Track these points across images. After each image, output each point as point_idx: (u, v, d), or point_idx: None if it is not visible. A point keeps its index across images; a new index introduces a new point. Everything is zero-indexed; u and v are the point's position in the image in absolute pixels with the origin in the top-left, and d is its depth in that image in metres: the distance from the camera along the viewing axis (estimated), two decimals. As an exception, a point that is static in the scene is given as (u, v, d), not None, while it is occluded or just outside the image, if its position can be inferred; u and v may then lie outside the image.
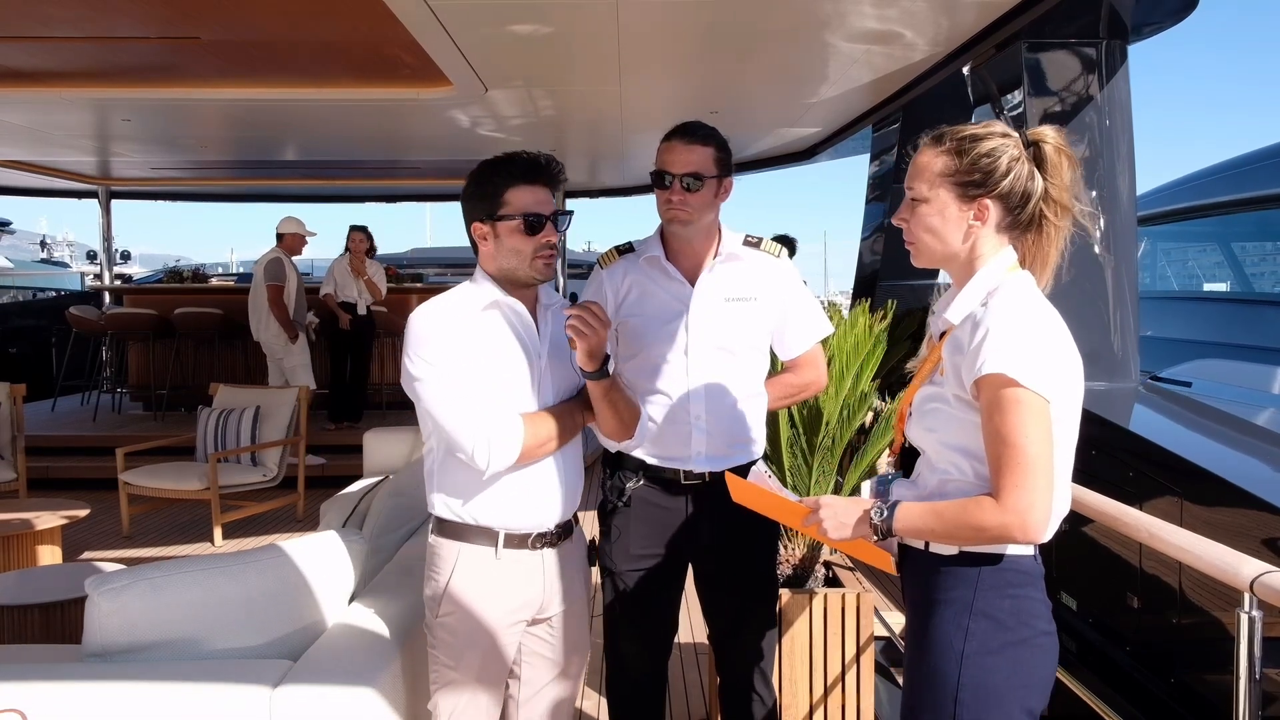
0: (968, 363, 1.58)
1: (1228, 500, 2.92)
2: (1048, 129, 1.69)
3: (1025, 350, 1.53)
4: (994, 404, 1.54)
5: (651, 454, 2.38)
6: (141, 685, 2.00)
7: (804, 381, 2.54)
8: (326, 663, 2.14)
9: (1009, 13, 4.07)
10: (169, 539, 6.02)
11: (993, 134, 1.67)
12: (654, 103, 6.29)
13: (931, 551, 1.68)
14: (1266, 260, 10.31)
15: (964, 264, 1.70)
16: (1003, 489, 1.52)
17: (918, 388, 1.77)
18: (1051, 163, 1.67)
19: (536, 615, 2.15)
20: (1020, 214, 1.68)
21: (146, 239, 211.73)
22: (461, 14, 4.11)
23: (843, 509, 1.69)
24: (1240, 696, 1.78)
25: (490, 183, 2.04)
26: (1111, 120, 4.26)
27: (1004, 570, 1.62)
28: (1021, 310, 1.60)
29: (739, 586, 2.45)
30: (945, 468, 1.67)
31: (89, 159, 8.95)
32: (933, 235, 1.70)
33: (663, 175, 2.28)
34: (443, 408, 1.97)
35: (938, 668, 1.63)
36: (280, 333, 7.56)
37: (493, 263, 2.07)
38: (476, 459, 1.96)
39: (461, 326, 2.01)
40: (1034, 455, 1.51)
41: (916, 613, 1.71)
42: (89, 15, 4.52)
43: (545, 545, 2.12)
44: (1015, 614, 1.61)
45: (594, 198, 11.72)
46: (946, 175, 1.67)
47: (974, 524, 1.55)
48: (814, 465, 3.28)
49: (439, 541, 2.11)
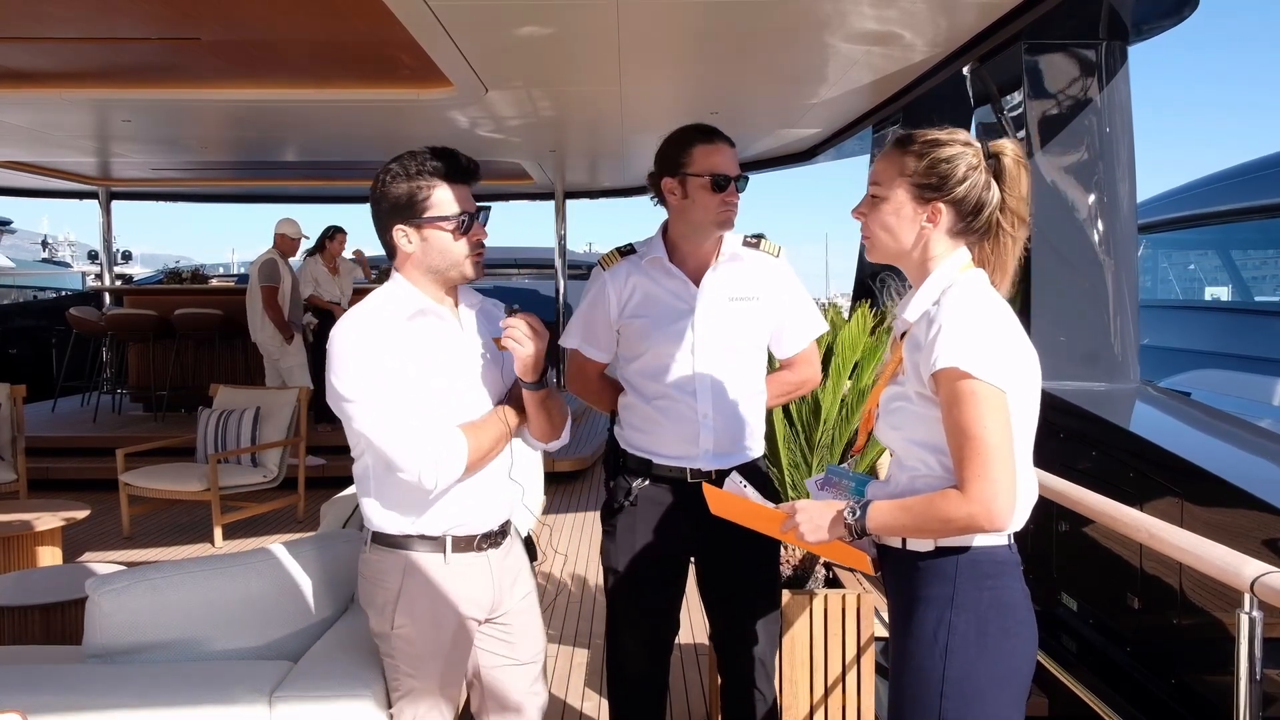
0: (924, 359, 1.63)
1: (1228, 501, 2.92)
2: (1007, 142, 1.74)
3: (977, 343, 1.58)
4: (951, 398, 1.58)
5: (658, 453, 2.38)
6: (141, 686, 2.00)
7: (800, 379, 2.56)
8: (326, 664, 2.14)
9: (1009, 14, 4.07)
10: (169, 540, 6.02)
11: (955, 141, 1.72)
12: (654, 103, 6.30)
13: (909, 549, 1.71)
14: (1267, 268, 10.31)
15: (918, 264, 1.75)
16: (966, 480, 1.56)
17: (883, 388, 1.81)
18: (1010, 175, 1.72)
19: (489, 614, 2.15)
20: (974, 221, 1.72)
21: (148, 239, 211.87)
22: (462, 14, 4.11)
23: (817, 512, 1.73)
24: (1240, 697, 1.78)
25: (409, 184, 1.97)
26: (1111, 121, 4.26)
27: (979, 562, 1.66)
28: (972, 305, 1.64)
29: (742, 586, 2.46)
30: (914, 464, 1.71)
31: (89, 160, 8.95)
32: (887, 233, 1.75)
33: (723, 178, 2.26)
34: (378, 431, 1.91)
35: (922, 664, 1.66)
36: (276, 334, 7.58)
37: (418, 266, 2.01)
38: (424, 481, 1.91)
39: (388, 339, 1.94)
40: (993, 445, 1.55)
41: (899, 610, 1.75)
42: (89, 15, 4.52)
43: (490, 545, 2.11)
44: (994, 605, 1.65)
45: (594, 198, 11.74)
46: (905, 176, 1.72)
47: (941, 516, 1.59)
48: (813, 464, 3.29)
49: (381, 553, 2.05)
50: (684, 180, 2.29)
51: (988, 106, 4.79)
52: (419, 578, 2.03)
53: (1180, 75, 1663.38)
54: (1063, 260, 4.17)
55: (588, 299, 2.45)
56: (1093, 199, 4.25)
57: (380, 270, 11.00)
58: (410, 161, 1.98)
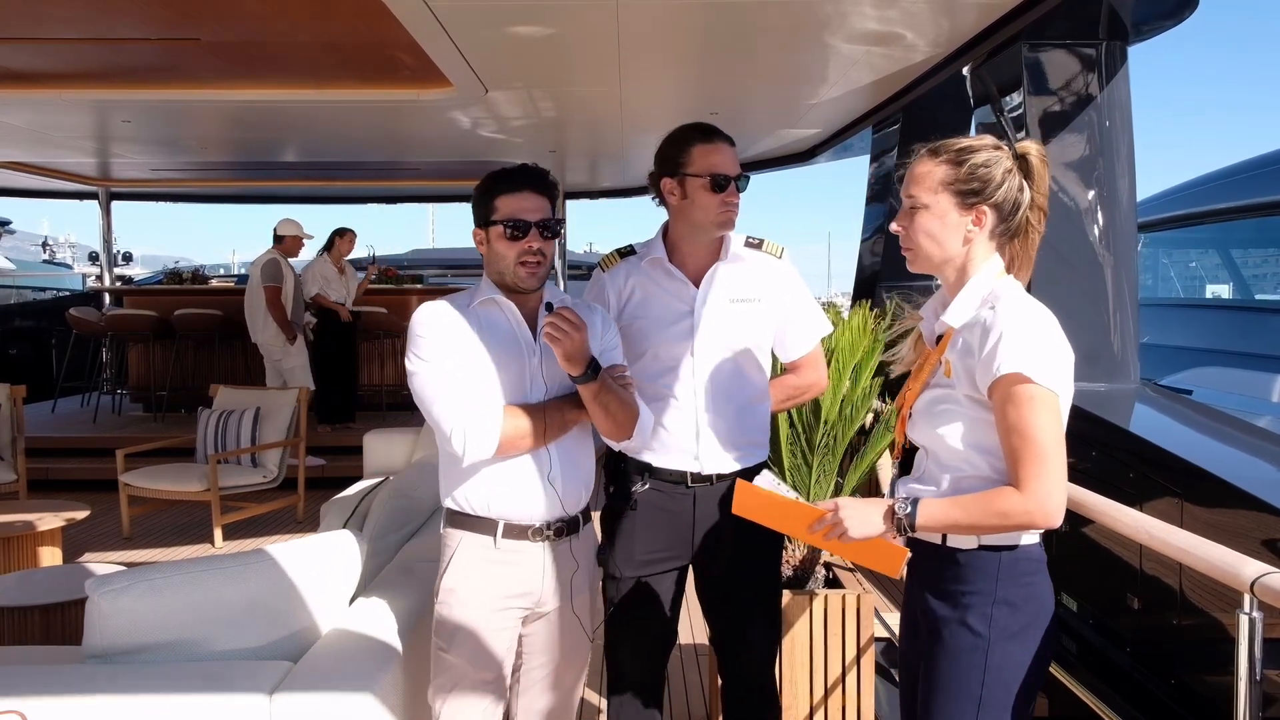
0: (983, 365, 1.69)
1: (1228, 501, 2.92)
2: (1031, 143, 1.82)
3: (1037, 350, 1.66)
4: (1009, 400, 1.65)
5: (658, 456, 2.36)
6: (141, 686, 2.00)
7: (805, 383, 2.54)
8: (327, 665, 2.14)
9: (1009, 14, 4.07)
10: (169, 540, 6.02)
11: (985, 146, 1.79)
12: (654, 104, 6.29)
13: (949, 545, 1.77)
14: (1267, 266, 10.30)
15: (958, 270, 1.81)
16: (1024, 479, 1.63)
17: (918, 391, 1.85)
18: (1037, 173, 1.80)
19: (534, 608, 2.17)
20: (1011, 221, 1.80)
21: (149, 240, 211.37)
22: (462, 15, 4.11)
23: (864, 507, 1.77)
24: (1240, 698, 1.78)
25: (485, 191, 2.11)
26: (1111, 121, 4.26)
27: (1019, 559, 1.74)
28: (1028, 313, 1.72)
29: (742, 588, 2.44)
30: (958, 465, 1.76)
31: (89, 160, 8.95)
32: (932, 240, 1.80)
33: (723, 178, 2.25)
34: (428, 397, 2.04)
35: (963, 656, 1.73)
36: (279, 334, 7.58)
37: (490, 267, 2.14)
38: (454, 445, 2.02)
39: (455, 322, 2.09)
40: (1050, 447, 1.63)
41: (934, 606, 1.79)
42: (89, 16, 4.52)
43: (545, 538, 2.14)
44: (1029, 599, 1.74)
45: (594, 199, 11.73)
46: (947, 183, 1.78)
47: (998, 512, 1.65)
48: (814, 465, 3.28)
49: (447, 532, 2.18)
50: (683, 180, 2.28)
51: (988, 107, 4.79)
52: (468, 556, 2.13)
53: (1180, 75, 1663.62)
54: (1062, 260, 4.17)
55: (588, 300, 2.44)
56: (1093, 198, 4.25)
57: (380, 270, 11.00)
58: (492, 172, 2.14)
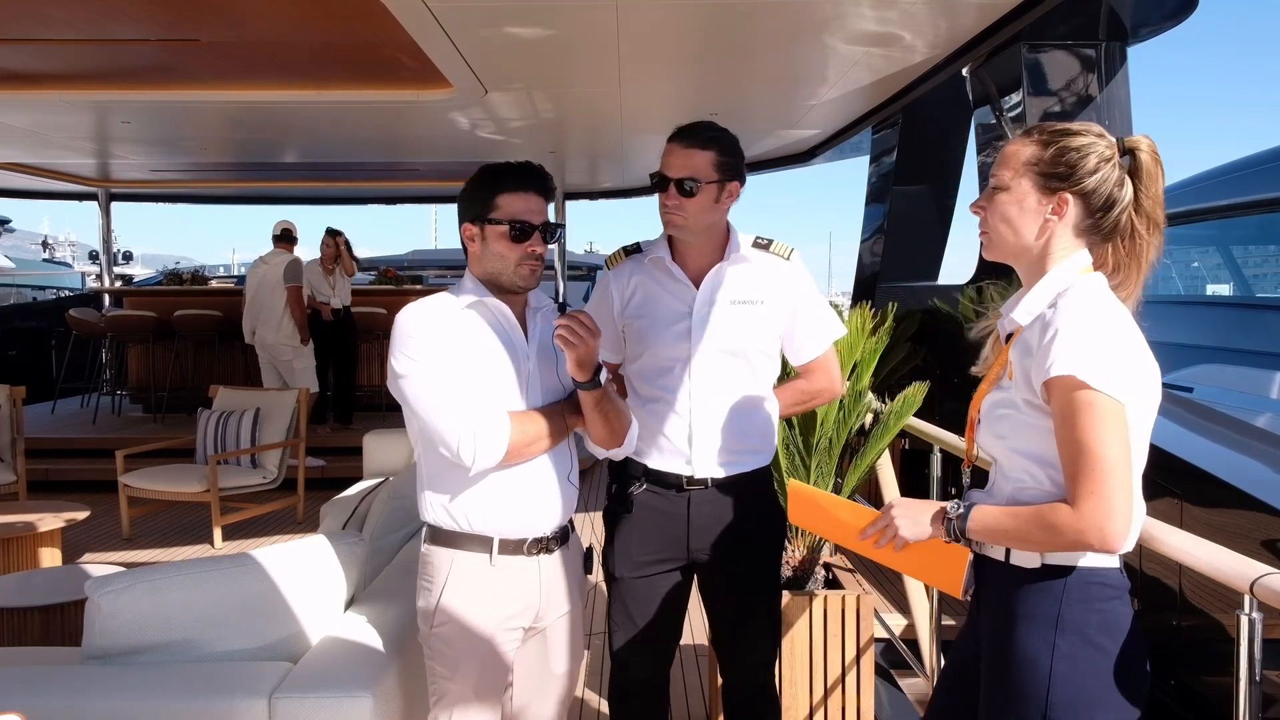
0: (1036, 365, 1.53)
1: (1228, 502, 2.92)
2: (1143, 138, 1.63)
3: (1096, 352, 1.47)
4: (1066, 408, 1.48)
5: (653, 458, 2.35)
6: (141, 687, 2.00)
7: (816, 388, 2.48)
8: (326, 666, 2.14)
9: (1008, 14, 4.07)
10: (169, 541, 6.02)
11: (1088, 132, 1.62)
12: (654, 104, 6.30)
13: (1012, 564, 1.62)
14: (1268, 265, 10.30)
15: (1035, 261, 1.64)
16: (1079, 497, 1.47)
17: (986, 392, 1.71)
18: (1147, 172, 1.61)
19: (533, 623, 2.11)
20: (1103, 219, 1.61)
21: (149, 240, 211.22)
22: (461, 16, 4.11)
23: (916, 508, 1.66)
24: (1240, 698, 1.78)
25: (484, 186, 2.03)
26: (1111, 121, 4.26)
27: (1089, 584, 1.57)
28: (1092, 311, 1.53)
29: (741, 589, 2.43)
30: (1019, 475, 1.62)
31: (89, 161, 8.95)
32: (1008, 225, 1.64)
33: (659, 178, 2.25)
34: (426, 403, 1.93)
35: (1025, 687, 1.57)
36: (294, 334, 7.59)
37: (479, 265, 2.06)
38: (462, 454, 1.91)
39: (446, 323, 2.00)
40: (1111, 461, 1.45)
41: (998, 629, 1.64)
42: (89, 17, 4.52)
43: (541, 551, 2.08)
44: (1103, 628, 1.56)
45: (594, 199, 11.73)
46: (1031, 164, 1.62)
47: (1048, 528, 1.50)
48: (812, 466, 3.28)
49: (432, 550, 2.07)
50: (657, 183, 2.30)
51: (987, 107, 4.79)
52: (463, 578, 2.02)
53: (1180, 74, 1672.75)
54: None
55: (593, 299, 2.43)
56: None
57: (379, 270, 11.01)
58: (494, 165, 2.06)
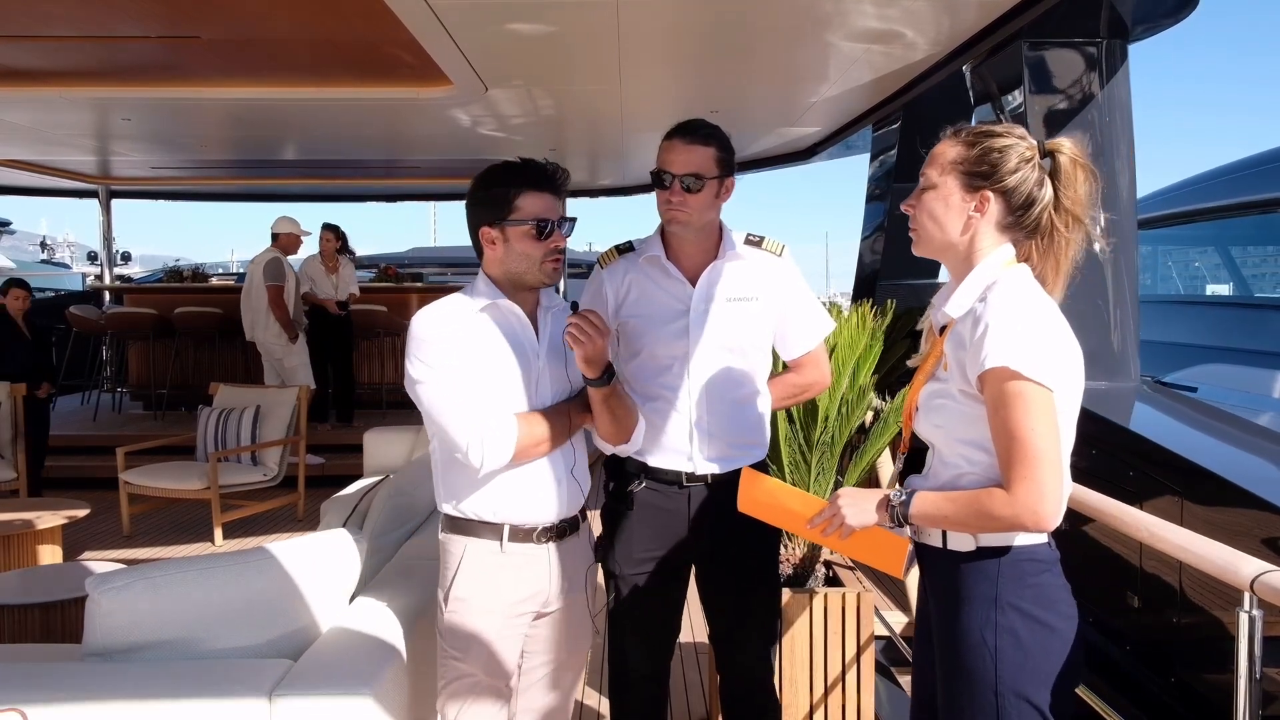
0: (971, 357, 1.61)
1: (1228, 499, 2.91)
2: (1066, 141, 1.72)
3: (1025, 342, 1.56)
4: (999, 398, 1.57)
5: (653, 456, 2.36)
6: (141, 685, 2.00)
7: (807, 381, 2.53)
8: (327, 662, 2.14)
9: (1009, 12, 4.07)
10: (169, 539, 6.03)
11: (1010, 133, 1.71)
12: (654, 102, 6.29)
13: (950, 549, 1.71)
14: (1267, 265, 10.30)
15: (962, 257, 1.73)
16: (1013, 481, 1.55)
17: (922, 383, 1.79)
18: (1066, 173, 1.70)
19: (541, 609, 2.18)
20: (1023, 216, 1.70)
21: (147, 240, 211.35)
22: (462, 13, 4.11)
23: (861, 496, 1.75)
24: (1240, 696, 1.78)
25: (500, 188, 2.07)
26: (1112, 119, 4.25)
27: (1021, 561, 1.66)
28: (1019, 303, 1.62)
29: (740, 586, 2.44)
30: (957, 461, 1.70)
31: (89, 158, 8.95)
32: (934, 221, 1.73)
33: (662, 175, 2.26)
34: (439, 407, 2.01)
35: (973, 665, 1.65)
36: (281, 333, 7.59)
37: (499, 266, 2.10)
38: (470, 457, 1.99)
39: (459, 328, 2.06)
40: (1042, 448, 1.54)
41: (943, 611, 1.73)
42: (89, 14, 4.51)
43: (550, 539, 2.15)
44: (1038, 601, 1.65)
45: (594, 197, 11.72)
46: (956, 163, 1.71)
47: (985, 513, 1.59)
48: (813, 463, 3.28)
49: (449, 538, 2.15)
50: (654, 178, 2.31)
51: (988, 105, 4.79)
52: (474, 563, 2.10)
53: (1180, 73, 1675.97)
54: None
55: (586, 297, 2.44)
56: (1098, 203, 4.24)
57: (380, 268, 10.99)
58: (505, 165, 2.10)
